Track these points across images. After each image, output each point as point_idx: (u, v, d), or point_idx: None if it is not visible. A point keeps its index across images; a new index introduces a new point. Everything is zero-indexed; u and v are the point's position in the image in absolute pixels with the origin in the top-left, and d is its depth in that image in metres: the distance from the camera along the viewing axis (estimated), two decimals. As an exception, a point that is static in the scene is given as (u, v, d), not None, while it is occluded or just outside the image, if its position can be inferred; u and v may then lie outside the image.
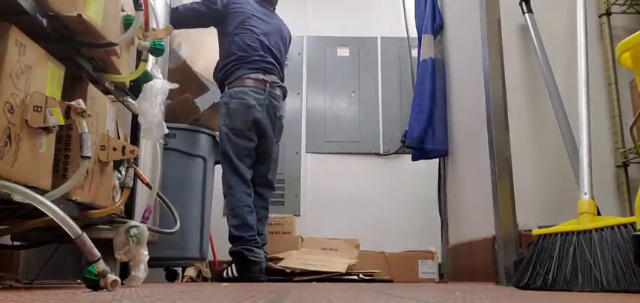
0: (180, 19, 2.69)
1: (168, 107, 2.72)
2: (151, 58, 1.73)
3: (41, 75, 1.19)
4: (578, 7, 1.83)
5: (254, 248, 2.56)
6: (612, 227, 1.33)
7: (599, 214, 1.46)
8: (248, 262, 2.53)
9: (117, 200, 1.59)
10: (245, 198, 2.63)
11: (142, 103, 1.69)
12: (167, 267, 2.74)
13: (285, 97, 2.94)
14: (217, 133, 2.87)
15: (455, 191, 2.67)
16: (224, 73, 2.78)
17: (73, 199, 1.31)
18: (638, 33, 1.14)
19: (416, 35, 2.98)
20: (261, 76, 2.75)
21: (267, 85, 2.76)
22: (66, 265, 2.31)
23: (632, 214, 1.75)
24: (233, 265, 2.61)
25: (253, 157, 2.74)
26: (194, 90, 2.92)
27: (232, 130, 2.67)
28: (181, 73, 2.76)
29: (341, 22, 4.23)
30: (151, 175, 1.91)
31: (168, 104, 2.76)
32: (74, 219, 1.15)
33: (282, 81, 2.91)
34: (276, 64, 2.86)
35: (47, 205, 1.10)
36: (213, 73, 2.91)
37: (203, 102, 3.03)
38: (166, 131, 1.80)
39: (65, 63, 1.30)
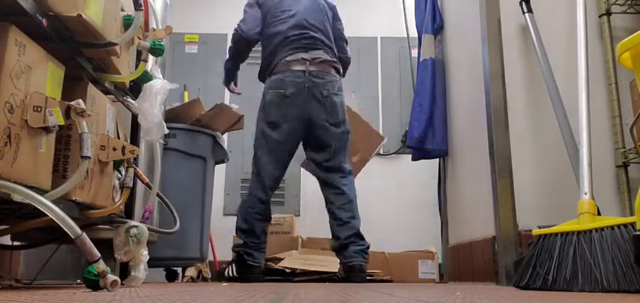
0: (233, 57, 2.71)
1: (176, 107, 2.73)
2: (151, 58, 1.74)
3: (41, 75, 1.19)
4: (578, 7, 1.83)
5: (254, 253, 2.48)
6: (612, 227, 1.33)
7: (599, 214, 1.46)
8: (246, 265, 2.48)
9: (117, 200, 1.59)
10: (257, 205, 2.49)
11: (142, 103, 1.69)
12: (167, 267, 2.74)
13: (339, 71, 2.65)
14: (217, 133, 2.87)
15: (455, 191, 2.67)
16: (263, 69, 2.65)
17: (73, 199, 1.31)
18: (638, 33, 1.14)
19: (416, 35, 2.98)
20: (300, 55, 2.52)
21: (307, 63, 2.50)
22: (66, 265, 2.31)
23: (632, 214, 1.75)
24: (233, 264, 2.59)
25: (287, 153, 2.55)
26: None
27: (269, 124, 2.49)
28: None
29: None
30: (150, 175, 1.91)
31: (178, 105, 2.77)
32: (74, 219, 1.15)
33: (335, 55, 2.66)
34: (321, 38, 2.61)
35: (47, 205, 1.10)
36: (258, 75, 2.77)
37: (208, 103, 3.02)
38: (166, 131, 1.81)
39: (65, 63, 1.30)
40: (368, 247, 2.48)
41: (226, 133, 3.13)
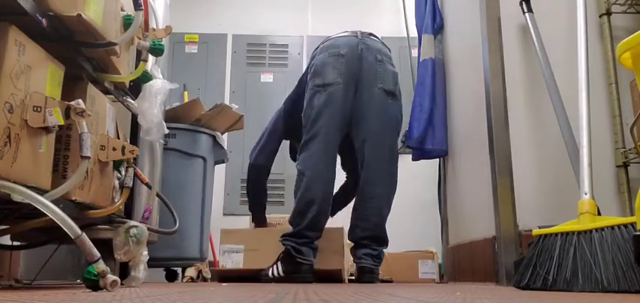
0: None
1: (175, 107, 2.73)
2: (151, 58, 1.74)
3: (41, 75, 1.19)
4: (578, 7, 1.83)
5: (303, 248, 2.18)
6: (612, 227, 1.33)
7: (599, 214, 1.46)
8: (294, 263, 2.17)
9: (117, 200, 1.59)
10: (320, 176, 2.23)
11: (141, 103, 1.69)
12: (167, 267, 2.74)
13: (389, 51, 2.47)
14: (217, 133, 2.87)
15: (455, 191, 2.66)
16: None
17: (73, 199, 1.31)
18: (638, 33, 1.14)
19: (416, 35, 2.98)
20: (351, 28, 2.37)
21: (359, 32, 2.33)
22: (66, 265, 2.31)
23: (632, 214, 1.75)
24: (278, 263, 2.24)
25: (346, 118, 2.26)
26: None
27: (324, 86, 2.20)
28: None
29: (341, 22, 4.22)
30: (150, 175, 1.91)
31: (178, 105, 2.77)
32: (74, 219, 1.15)
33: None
34: None
35: (47, 205, 1.10)
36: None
37: (208, 103, 3.02)
38: (166, 131, 1.81)
39: (65, 63, 1.30)
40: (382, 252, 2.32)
41: (226, 133, 3.13)
